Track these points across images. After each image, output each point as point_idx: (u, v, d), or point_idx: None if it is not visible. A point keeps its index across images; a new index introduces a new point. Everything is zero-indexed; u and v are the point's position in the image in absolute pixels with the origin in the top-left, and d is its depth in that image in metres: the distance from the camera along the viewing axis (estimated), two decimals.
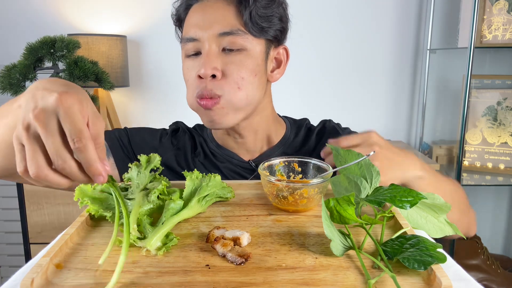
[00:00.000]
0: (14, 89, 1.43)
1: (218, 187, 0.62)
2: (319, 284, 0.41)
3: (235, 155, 0.87)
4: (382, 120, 2.03)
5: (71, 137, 0.41)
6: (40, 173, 0.41)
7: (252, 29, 0.74)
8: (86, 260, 0.46)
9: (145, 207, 0.53)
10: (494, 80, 1.80)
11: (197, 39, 0.74)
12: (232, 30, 0.73)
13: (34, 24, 1.85)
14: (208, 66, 0.72)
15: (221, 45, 0.74)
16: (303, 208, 0.60)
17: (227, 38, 0.73)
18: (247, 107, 0.78)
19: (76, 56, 1.52)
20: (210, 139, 0.90)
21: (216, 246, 0.47)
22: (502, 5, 1.67)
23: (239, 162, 0.87)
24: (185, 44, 0.77)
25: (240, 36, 0.74)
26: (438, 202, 0.59)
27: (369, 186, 0.58)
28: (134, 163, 0.63)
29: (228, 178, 0.86)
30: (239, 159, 0.87)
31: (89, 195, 0.56)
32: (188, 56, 0.77)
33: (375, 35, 1.95)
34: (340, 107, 2.00)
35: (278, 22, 0.78)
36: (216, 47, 0.74)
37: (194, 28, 0.75)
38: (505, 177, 1.78)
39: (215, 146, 0.89)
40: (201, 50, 0.75)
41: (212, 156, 0.88)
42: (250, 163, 0.87)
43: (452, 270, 0.46)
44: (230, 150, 0.88)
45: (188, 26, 0.76)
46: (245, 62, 0.75)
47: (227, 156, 0.87)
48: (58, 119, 0.41)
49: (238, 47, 0.74)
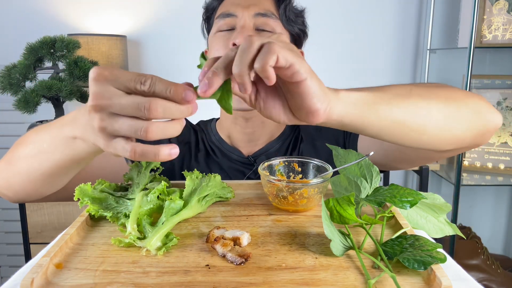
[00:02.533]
0: (14, 89, 1.43)
1: (218, 187, 0.62)
2: (319, 284, 0.41)
3: (235, 150, 0.90)
4: None
5: (137, 83, 0.41)
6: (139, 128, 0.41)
7: (284, 18, 0.84)
8: (86, 260, 0.46)
9: (145, 207, 0.53)
10: (494, 80, 1.80)
11: (236, 15, 0.81)
12: (267, 13, 0.81)
13: (34, 24, 1.85)
14: (243, 36, 0.77)
15: (255, 24, 0.81)
16: (303, 208, 0.60)
17: (262, 19, 0.81)
18: None
19: (76, 56, 1.52)
20: (214, 133, 0.93)
21: (216, 246, 0.47)
22: (502, 5, 1.67)
23: (238, 157, 0.89)
24: (220, 20, 0.83)
25: (273, 20, 0.82)
26: (438, 202, 0.59)
27: (369, 186, 0.58)
28: (134, 163, 0.63)
29: (228, 173, 0.87)
30: (239, 154, 0.89)
31: (89, 195, 0.56)
32: (220, 31, 0.83)
33: (375, 35, 1.95)
34: None
35: (301, 23, 0.89)
36: (251, 24, 0.80)
37: (234, 5, 0.82)
38: (505, 177, 1.78)
39: (216, 140, 0.91)
40: (236, 25, 0.81)
41: (212, 151, 0.90)
42: (249, 158, 0.88)
43: (452, 270, 0.46)
44: (230, 145, 0.90)
45: (228, 5, 0.83)
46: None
47: (227, 151, 0.90)
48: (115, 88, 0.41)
49: (270, 29, 0.81)
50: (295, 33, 0.88)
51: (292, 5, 0.86)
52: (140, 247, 0.48)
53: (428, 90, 0.61)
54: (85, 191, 0.56)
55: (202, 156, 0.90)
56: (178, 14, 1.89)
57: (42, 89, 1.41)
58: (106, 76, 0.42)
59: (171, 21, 1.89)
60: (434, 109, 0.57)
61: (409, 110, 0.54)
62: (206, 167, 0.88)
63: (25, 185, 0.64)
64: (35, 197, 0.68)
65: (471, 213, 2.07)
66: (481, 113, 0.64)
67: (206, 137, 0.93)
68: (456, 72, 1.91)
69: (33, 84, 1.46)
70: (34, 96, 1.40)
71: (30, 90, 1.42)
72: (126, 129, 0.42)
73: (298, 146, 0.90)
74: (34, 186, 0.64)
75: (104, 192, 0.58)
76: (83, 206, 0.55)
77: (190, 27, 1.91)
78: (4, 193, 0.69)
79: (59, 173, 0.61)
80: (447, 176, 1.79)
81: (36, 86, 1.42)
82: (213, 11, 0.88)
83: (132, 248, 0.49)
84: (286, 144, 0.91)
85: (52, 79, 1.45)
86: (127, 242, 0.49)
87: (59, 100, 1.53)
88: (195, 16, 1.91)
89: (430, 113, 0.56)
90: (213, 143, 0.91)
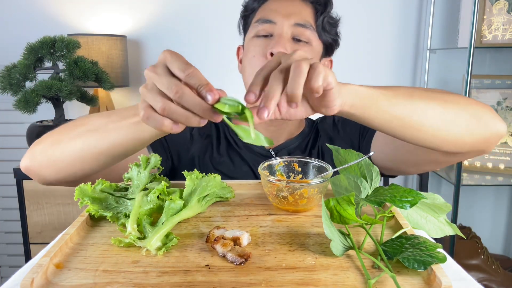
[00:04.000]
0: (14, 89, 1.43)
1: (218, 187, 0.62)
2: (319, 284, 0.41)
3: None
4: None
5: (180, 70, 0.46)
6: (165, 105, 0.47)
7: (319, 29, 0.86)
8: (86, 260, 0.46)
9: (145, 207, 0.53)
10: (494, 80, 1.80)
11: (275, 22, 0.83)
12: (305, 24, 0.83)
13: (34, 24, 1.85)
14: (281, 45, 0.79)
15: (293, 33, 0.83)
16: (303, 208, 0.60)
17: (300, 29, 0.83)
18: None
19: (76, 56, 1.52)
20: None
21: (216, 246, 0.47)
22: (502, 5, 1.67)
23: (260, 150, 0.92)
24: (259, 25, 0.84)
25: (309, 31, 0.84)
26: (438, 202, 0.59)
27: (369, 186, 0.58)
28: (134, 163, 0.63)
29: (249, 164, 0.90)
30: (261, 146, 0.91)
31: (89, 195, 0.56)
32: (258, 36, 0.84)
33: (375, 35, 1.95)
34: None
35: (335, 34, 0.92)
36: (289, 33, 0.82)
37: (274, 13, 0.83)
38: (505, 177, 1.78)
39: None
40: (274, 32, 0.83)
41: (234, 144, 0.93)
42: (270, 152, 0.92)
43: (452, 270, 0.46)
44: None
45: (268, 10, 0.85)
46: (309, 53, 0.84)
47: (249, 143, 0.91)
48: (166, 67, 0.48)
49: (306, 39, 0.83)
50: (328, 43, 0.90)
51: (329, 16, 0.88)
52: (140, 247, 0.48)
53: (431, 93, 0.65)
54: (85, 191, 0.56)
55: (224, 147, 0.92)
56: (178, 14, 1.89)
57: (42, 89, 1.41)
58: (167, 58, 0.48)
59: (171, 21, 1.89)
60: (431, 109, 0.62)
61: (407, 108, 0.60)
62: (228, 158, 0.91)
63: (74, 163, 0.67)
64: (74, 178, 0.69)
65: (471, 213, 2.07)
66: (482, 119, 0.67)
67: (228, 130, 0.95)
68: (456, 72, 1.91)
69: (33, 84, 1.46)
70: (34, 96, 1.40)
71: (30, 90, 1.42)
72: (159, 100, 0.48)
73: (318, 143, 0.94)
74: (82, 165, 0.66)
75: (104, 192, 0.58)
76: (83, 206, 0.55)
77: (190, 27, 1.91)
78: (40, 173, 0.70)
79: (114, 153, 0.64)
80: (447, 176, 1.79)
81: (36, 86, 1.42)
82: (252, 12, 0.89)
83: (132, 248, 0.49)
84: (305, 141, 0.95)
85: (52, 79, 1.45)
86: (127, 242, 0.49)
87: (59, 100, 1.53)
88: (195, 16, 1.92)
89: (426, 112, 0.61)
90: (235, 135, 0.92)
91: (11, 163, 1.74)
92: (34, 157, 0.70)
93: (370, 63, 1.97)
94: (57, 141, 0.68)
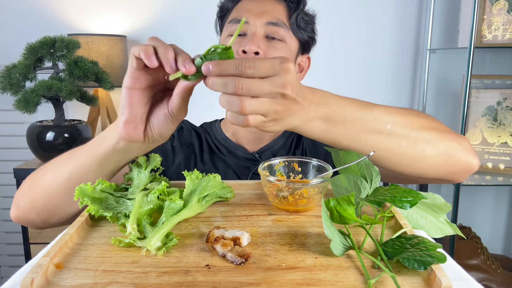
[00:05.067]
0: (14, 89, 1.43)
1: (218, 187, 0.62)
2: (319, 284, 0.41)
3: (240, 147, 0.92)
4: None
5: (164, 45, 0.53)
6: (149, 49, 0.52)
7: (294, 27, 0.86)
8: (86, 260, 0.46)
9: (145, 207, 0.53)
10: (494, 80, 1.80)
11: (248, 22, 0.83)
12: (278, 22, 0.83)
13: (34, 24, 1.85)
14: (254, 44, 0.79)
15: (266, 32, 0.83)
16: (303, 208, 0.60)
17: (273, 27, 0.83)
18: None
19: (76, 56, 1.52)
20: (219, 132, 0.96)
21: (216, 246, 0.47)
22: (502, 5, 1.67)
23: (244, 154, 0.92)
24: (232, 25, 0.85)
25: (283, 29, 0.84)
26: (438, 202, 0.59)
27: (369, 186, 0.58)
28: (134, 163, 0.63)
29: (233, 169, 0.90)
30: (244, 151, 0.92)
31: (89, 195, 0.56)
32: (231, 36, 0.84)
33: (375, 35, 1.95)
34: None
35: (311, 31, 0.91)
36: (261, 32, 0.82)
37: (246, 12, 0.84)
38: (505, 177, 1.78)
39: (222, 138, 0.94)
40: (247, 32, 0.82)
41: (217, 150, 0.93)
42: (254, 154, 0.92)
43: (452, 270, 0.46)
44: (236, 143, 0.93)
45: (241, 10, 0.85)
46: (283, 51, 0.84)
47: (233, 148, 0.92)
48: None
49: (280, 37, 0.83)
50: (304, 40, 0.90)
51: (303, 14, 0.88)
52: (140, 247, 0.48)
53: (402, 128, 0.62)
54: (85, 191, 0.56)
55: (207, 156, 0.92)
56: (178, 14, 1.89)
57: (42, 89, 1.41)
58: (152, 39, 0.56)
59: (171, 21, 1.89)
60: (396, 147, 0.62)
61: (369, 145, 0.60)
62: (212, 165, 0.91)
63: (48, 200, 0.68)
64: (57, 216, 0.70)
65: (471, 213, 2.07)
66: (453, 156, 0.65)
67: (210, 137, 0.95)
68: (456, 72, 1.91)
69: (33, 84, 1.46)
70: (34, 96, 1.41)
71: (30, 90, 1.42)
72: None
73: (302, 142, 0.94)
74: (56, 200, 0.67)
75: (104, 192, 0.58)
76: (83, 206, 0.55)
77: (190, 27, 1.91)
78: (28, 218, 0.72)
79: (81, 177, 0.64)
80: None
81: (36, 86, 1.42)
82: (227, 12, 0.90)
83: (132, 248, 0.49)
84: (290, 140, 0.95)
85: (52, 79, 1.45)
86: (127, 242, 0.49)
87: (59, 100, 1.53)
88: (195, 16, 1.92)
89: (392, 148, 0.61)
90: (219, 141, 0.94)
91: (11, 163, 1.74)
92: (19, 204, 0.72)
93: (370, 63, 1.97)
94: (33, 181, 0.70)
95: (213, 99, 0.57)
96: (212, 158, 0.92)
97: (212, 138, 0.95)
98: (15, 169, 1.52)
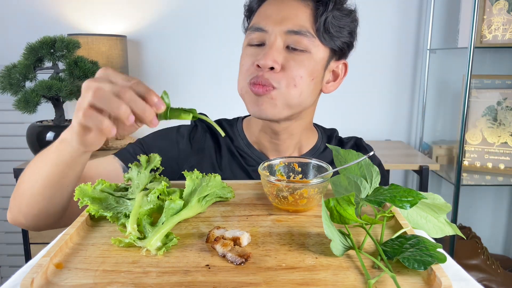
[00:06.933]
0: (14, 89, 1.43)
1: (218, 187, 0.62)
2: (319, 284, 0.41)
3: (263, 156, 0.85)
4: (382, 120, 2.03)
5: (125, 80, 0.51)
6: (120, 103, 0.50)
7: (322, 35, 0.75)
8: (86, 260, 0.46)
9: (145, 207, 0.53)
10: (494, 80, 1.80)
11: (266, 30, 0.75)
12: (301, 30, 0.73)
13: (34, 24, 1.85)
14: (269, 58, 0.72)
15: (286, 42, 0.74)
16: (303, 208, 0.60)
17: (294, 36, 0.73)
18: (296, 106, 0.77)
19: (76, 56, 1.52)
20: (242, 137, 0.88)
21: (216, 246, 0.47)
22: (502, 5, 1.67)
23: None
24: (251, 33, 0.77)
25: (307, 38, 0.74)
26: (438, 202, 0.59)
27: (369, 186, 0.58)
28: (134, 163, 0.63)
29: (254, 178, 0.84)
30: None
31: (89, 195, 0.56)
32: (251, 45, 0.78)
33: (375, 35, 1.95)
34: (340, 107, 2.00)
35: (348, 35, 0.79)
36: (281, 42, 0.74)
37: (265, 19, 0.75)
38: (505, 177, 1.78)
39: (245, 144, 0.87)
40: (266, 41, 0.75)
41: (240, 157, 0.86)
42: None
43: (452, 270, 0.46)
44: (260, 151, 0.86)
45: (260, 17, 0.77)
46: (306, 63, 0.75)
47: (257, 157, 0.85)
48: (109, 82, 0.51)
49: (303, 48, 0.74)
50: (337, 48, 0.78)
51: (334, 17, 0.75)
52: (140, 247, 0.48)
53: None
54: (85, 191, 0.56)
55: (227, 161, 0.85)
56: (178, 14, 1.89)
57: (42, 89, 1.41)
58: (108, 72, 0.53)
59: (171, 21, 1.89)
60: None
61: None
62: (231, 173, 0.85)
63: (31, 204, 0.68)
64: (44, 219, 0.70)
65: (471, 213, 2.07)
66: None
67: (233, 143, 0.87)
68: (456, 72, 1.91)
69: (33, 84, 1.46)
70: (34, 96, 1.41)
71: (30, 90, 1.42)
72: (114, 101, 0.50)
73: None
74: (38, 204, 0.67)
75: (104, 192, 0.58)
76: (83, 206, 0.55)
77: (190, 27, 1.91)
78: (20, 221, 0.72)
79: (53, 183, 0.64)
80: (447, 176, 1.79)
81: (36, 86, 1.42)
82: (252, 13, 0.82)
83: (132, 248, 0.49)
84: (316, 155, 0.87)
85: (52, 79, 1.45)
86: (127, 242, 0.49)
87: (59, 100, 1.53)
88: (195, 16, 1.92)
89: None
90: (241, 149, 0.86)
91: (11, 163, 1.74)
92: (10, 207, 0.72)
93: (370, 63, 1.97)
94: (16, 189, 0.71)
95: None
96: (231, 163, 0.85)
97: (234, 144, 0.87)
98: (15, 169, 1.52)
